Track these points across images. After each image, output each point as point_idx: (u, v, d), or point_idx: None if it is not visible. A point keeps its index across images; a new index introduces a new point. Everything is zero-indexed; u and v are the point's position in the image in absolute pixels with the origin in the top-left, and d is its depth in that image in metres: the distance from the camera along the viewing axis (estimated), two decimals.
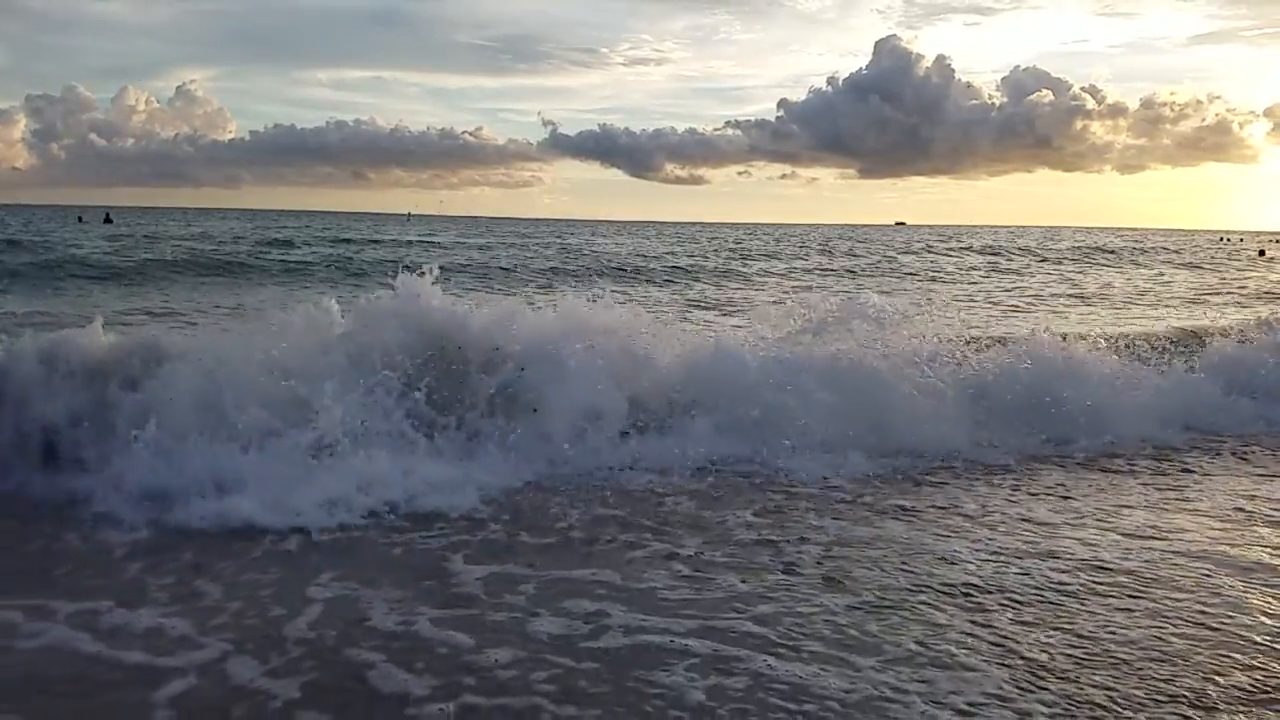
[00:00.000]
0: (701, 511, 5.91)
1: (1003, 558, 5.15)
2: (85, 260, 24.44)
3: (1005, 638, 4.13)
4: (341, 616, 4.28)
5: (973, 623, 4.28)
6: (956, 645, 4.04)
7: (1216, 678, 3.75)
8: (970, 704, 3.56)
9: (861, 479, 6.69)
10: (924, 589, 4.66)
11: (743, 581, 4.76)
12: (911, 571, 4.90)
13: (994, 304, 21.29)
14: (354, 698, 3.55)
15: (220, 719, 3.37)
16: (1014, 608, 4.46)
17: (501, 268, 28.09)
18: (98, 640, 4.05)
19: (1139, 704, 3.56)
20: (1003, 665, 3.86)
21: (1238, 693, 3.64)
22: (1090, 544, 5.39)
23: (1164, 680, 3.73)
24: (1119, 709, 3.53)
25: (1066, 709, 3.52)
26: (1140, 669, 3.83)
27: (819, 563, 5.03)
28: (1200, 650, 4.00)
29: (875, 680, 3.73)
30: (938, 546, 5.32)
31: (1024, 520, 5.85)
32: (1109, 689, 3.67)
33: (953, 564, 5.04)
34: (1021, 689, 3.67)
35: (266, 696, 3.53)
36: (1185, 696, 3.60)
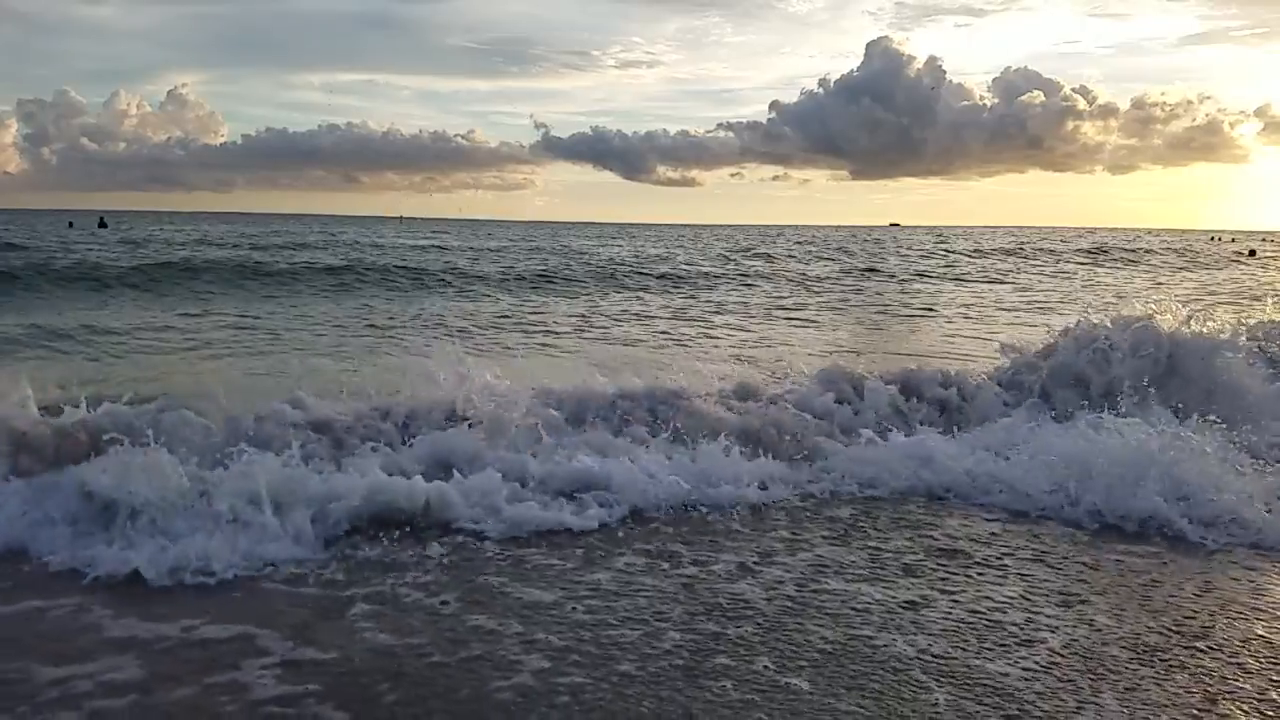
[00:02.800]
0: None
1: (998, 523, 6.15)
2: (110, 267, 24.29)
3: (1024, 576, 5.13)
4: (465, 555, 5.25)
5: (992, 568, 5.27)
6: (977, 575, 5.03)
7: None
8: (985, 607, 4.53)
9: None
10: (952, 550, 5.66)
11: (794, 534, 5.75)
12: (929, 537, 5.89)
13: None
14: (499, 602, 4.51)
15: (400, 632, 4.32)
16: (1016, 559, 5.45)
17: (542, 274, 28.90)
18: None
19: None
20: (1020, 578, 4.86)
21: None
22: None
23: None
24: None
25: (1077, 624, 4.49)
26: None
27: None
28: None
29: (909, 592, 4.70)
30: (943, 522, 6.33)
31: None
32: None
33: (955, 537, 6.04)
34: (1032, 599, 4.65)
35: (439, 612, 4.48)
36: None
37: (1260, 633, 4.29)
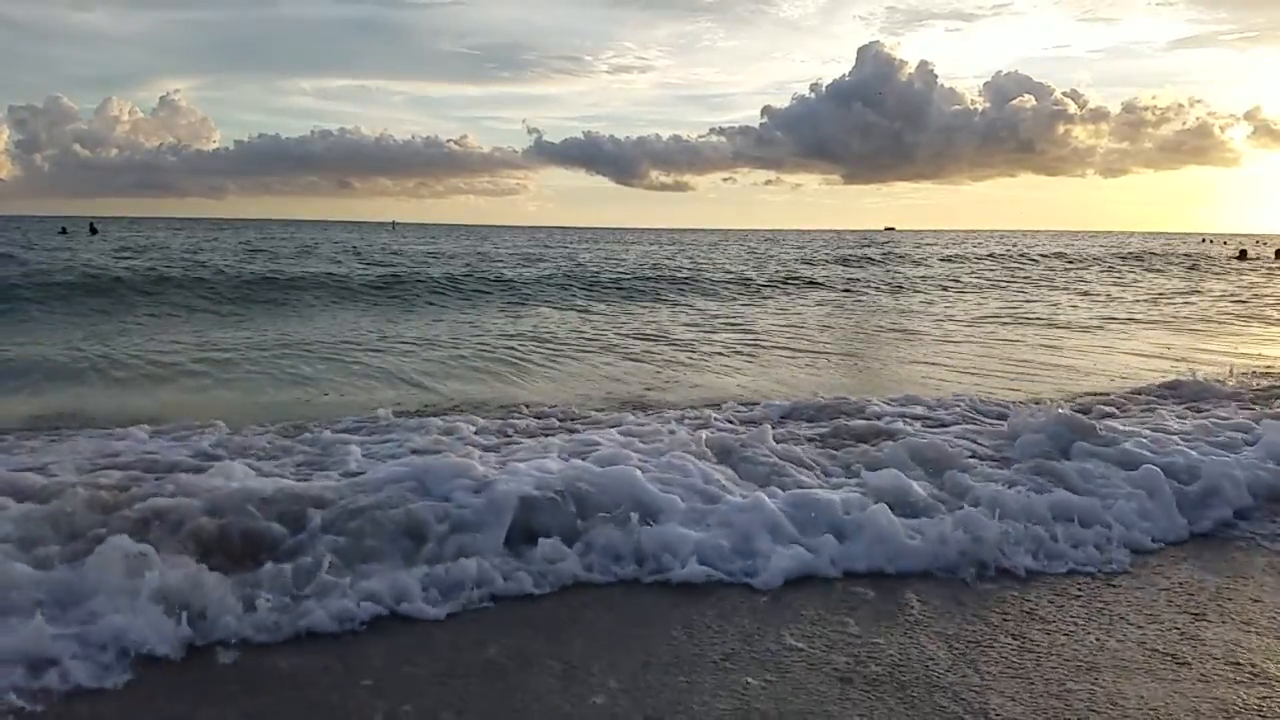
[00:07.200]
0: None
1: None
2: (126, 280, 22.35)
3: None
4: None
5: None
6: None
7: None
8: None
9: None
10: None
11: None
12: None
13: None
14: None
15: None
16: None
17: (586, 273, 29.37)
18: None
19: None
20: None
21: None
22: None
23: None
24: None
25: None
26: None
27: None
28: None
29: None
30: None
31: None
32: None
33: None
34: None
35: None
36: None
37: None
